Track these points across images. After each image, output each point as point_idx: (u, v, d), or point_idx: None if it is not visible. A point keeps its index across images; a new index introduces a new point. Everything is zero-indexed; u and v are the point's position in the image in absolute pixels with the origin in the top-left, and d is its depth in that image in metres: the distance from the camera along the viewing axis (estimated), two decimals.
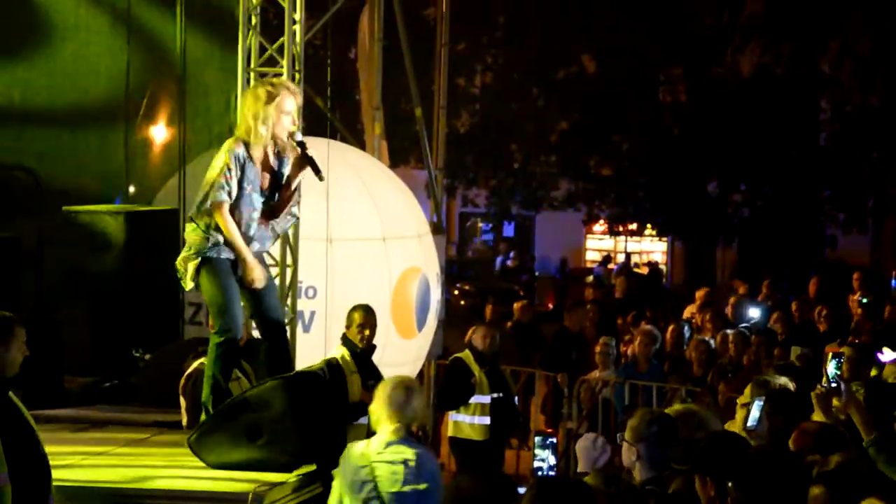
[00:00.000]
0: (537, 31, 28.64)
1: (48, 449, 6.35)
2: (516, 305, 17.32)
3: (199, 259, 7.90)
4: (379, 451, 6.85)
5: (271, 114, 7.97)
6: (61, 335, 10.07)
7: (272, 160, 8.10)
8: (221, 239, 7.88)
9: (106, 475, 7.46)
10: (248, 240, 8.02)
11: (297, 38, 10.82)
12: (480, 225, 43.73)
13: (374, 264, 12.28)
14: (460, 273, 36.57)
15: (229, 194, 7.86)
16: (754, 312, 16.31)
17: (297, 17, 10.78)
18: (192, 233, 7.97)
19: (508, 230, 43.01)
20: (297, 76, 10.84)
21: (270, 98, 7.96)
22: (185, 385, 8.55)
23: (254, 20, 10.81)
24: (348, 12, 15.82)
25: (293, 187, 8.21)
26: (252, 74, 10.84)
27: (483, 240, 43.77)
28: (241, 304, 8.07)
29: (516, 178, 32.32)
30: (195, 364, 8.55)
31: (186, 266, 7.95)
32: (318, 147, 12.22)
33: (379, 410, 6.95)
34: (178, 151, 12.12)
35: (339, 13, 14.17)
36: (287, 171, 8.15)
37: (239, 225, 7.94)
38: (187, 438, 7.67)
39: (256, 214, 8.04)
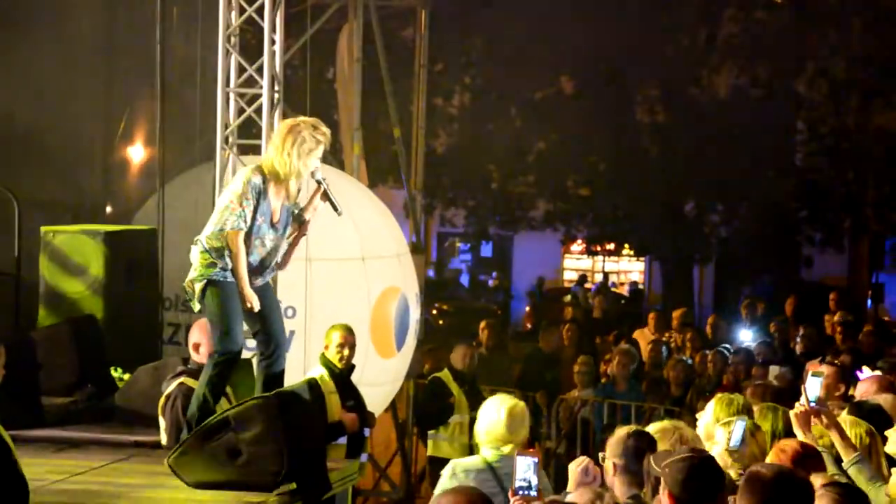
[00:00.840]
0: (514, 51, 28.70)
1: (26, 470, 6.32)
2: (481, 325, 17.31)
3: (205, 281, 7.97)
4: (498, 462, 7.12)
5: (310, 161, 8.10)
6: (38, 356, 10.04)
7: (290, 195, 8.20)
8: (229, 263, 7.95)
9: (85, 496, 7.44)
10: (254, 270, 8.09)
11: (277, 59, 10.85)
12: (458, 245, 43.74)
13: (353, 284, 12.29)
14: (438, 293, 36.57)
15: (244, 222, 7.94)
16: (745, 335, 16.29)
17: (276, 37, 10.81)
18: (199, 255, 8.03)
19: (486, 250, 43.03)
20: (276, 96, 10.87)
21: (314, 144, 8.07)
22: (165, 405, 8.54)
23: (233, 40, 10.84)
24: (327, 33, 15.85)
25: (305, 221, 8.32)
26: (231, 95, 10.86)
27: (462, 259, 43.80)
28: (244, 325, 8.18)
29: (494, 198, 32.34)
30: (174, 384, 8.54)
31: (193, 287, 8.03)
32: None
33: (496, 428, 7.17)
34: (157, 171, 12.11)
35: (318, 34, 14.23)
36: (300, 205, 8.28)
37: (247, 254, 8.03)
38: (167, 458, 7.66)
39: (265, 247, 8.13)
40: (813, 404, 6.74)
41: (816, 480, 6.02)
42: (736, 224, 30.33)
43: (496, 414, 7.22)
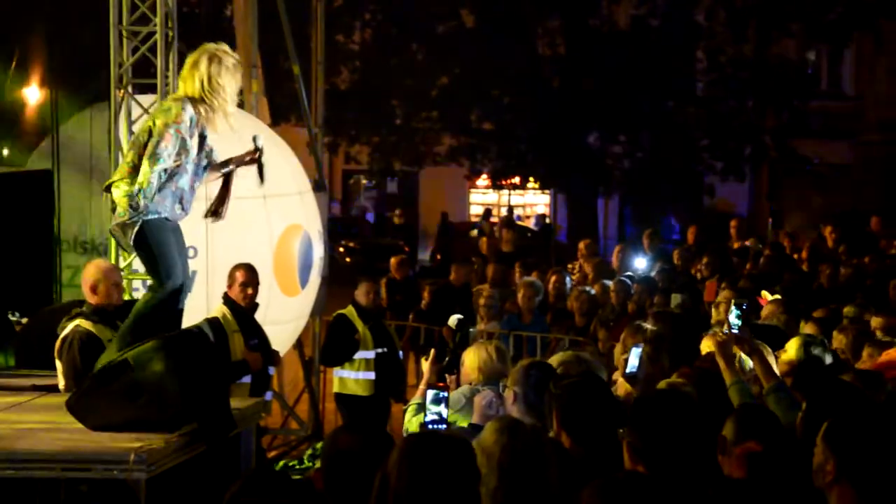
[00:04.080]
0: None
1: None
2: (393, 261, 17.34)
3: (140, 223, 7.83)
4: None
5: (236, 87, 8.04)
6: None
7: (215, 129, 8.11)
8: (156, 198, 7.82)
9: None
10: (184, 207, 8.03)
11: None
12: (364, 182, 43.64)
13: (254, 222, 12.17)
14: (345, 230, 36.55)
15: (181, 155, 7.82)
16: (640, 263, 16.39)
17: None
18: (123, 197, 7.85)
19: (392, 187, 42.99)
20: (170, 34, 10.69)
21: (235, 69, 8.01)
22: (61, 348, 8.43)
23: None
24: None
25: (230, 175, 8.25)
26: (124, 32, 10.67)
27: (367, 196, 43.76)
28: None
29: (399, 134, 32.25)
30: (70, 326, 8.43)
31: (125, 231, 7.86)
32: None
33: (490, 365, 7.75)
34: (51, 113, 11.90)
35: None
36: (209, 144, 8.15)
37: (182, 194, 7.92)
38: (66, 401, 7.57)
39: (197, 183, 8.05)
40: (735, 332, 6.76)
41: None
42: (638, 155, 30.57)
43: (486, 353, 7.75)
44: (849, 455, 4.36)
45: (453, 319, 8.66)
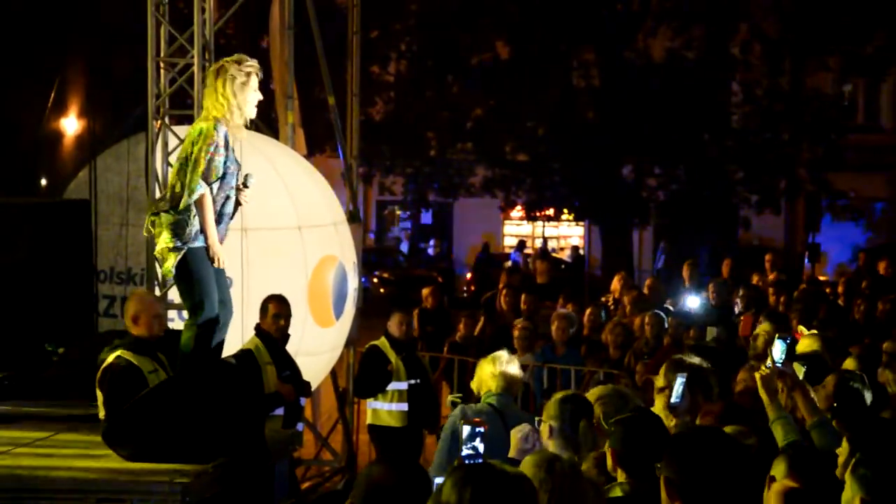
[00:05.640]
0: (451, 17, 28.65)
1: None
2: (425, 291, 17.30)
3: (185, 250, 7.96)
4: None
5: (249, 95, 8.23)
6: None
7: (237, 139, 8.27)
8: (197, 225, 7.97)
9: (18, 469, 7.36)
10: (222, 218, 8.24)
11: (207, 27, 10.73)
12: (398, 213, 43.70)
13: (289, 253, 12.19)
14: (379, 261, 36.60)
15: (213, 176, 7.92)
16: (693, 302, 15.95)
17: (206, 5, 10.69)
18: (170, 224, 8.00)
19: (426, 218, 43.03)
20: (207, 65, 10.74)
21: (245, 77, 8.21)
22: (102, 378, 8.46)
23: (162, 9, 10.71)
24: (259, 0, 15.68)
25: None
26: (161, 63, 10.74)
27: (402, 227, 43.80)
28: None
29: (433, 165, 32.31)
30: (112, 356, 8.46)
31: (167, 255, 8.00)
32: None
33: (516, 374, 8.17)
34: (89, 143, 11.97)
35: (250, 1, 14.08)
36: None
37: (219, 206, 8.13)
38: (102, 432, 7.60)
39: (231, 197, 8.18)
40: (779, 366, 6.73)
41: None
42: (673, 187, 30.50)
43: (501, 361, 8.11)
44: (875, 493, 4.31)
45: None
